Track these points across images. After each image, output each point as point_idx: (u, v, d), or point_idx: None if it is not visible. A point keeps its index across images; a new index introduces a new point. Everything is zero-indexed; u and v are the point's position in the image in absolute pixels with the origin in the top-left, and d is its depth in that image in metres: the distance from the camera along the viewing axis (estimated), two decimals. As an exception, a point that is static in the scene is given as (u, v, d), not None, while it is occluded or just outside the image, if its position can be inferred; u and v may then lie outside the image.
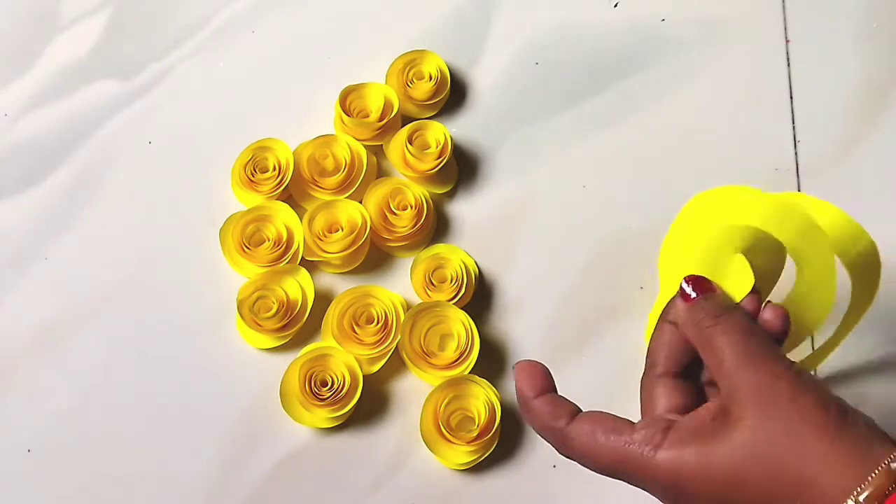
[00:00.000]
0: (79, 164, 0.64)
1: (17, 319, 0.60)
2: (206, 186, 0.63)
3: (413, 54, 0.65)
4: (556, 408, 0.41)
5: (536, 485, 0.56)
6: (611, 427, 0.39)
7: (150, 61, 0.67)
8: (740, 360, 0.38)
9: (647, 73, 0.66)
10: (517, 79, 0.66)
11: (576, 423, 0.40)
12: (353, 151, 0.61)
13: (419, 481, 0.56)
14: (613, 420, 0.39)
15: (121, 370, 0.59)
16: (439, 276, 0.59)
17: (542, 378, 0.42)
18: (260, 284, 0.58)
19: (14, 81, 0.66)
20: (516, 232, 0.62)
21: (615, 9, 0.68)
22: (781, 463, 0.36)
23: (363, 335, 0.57)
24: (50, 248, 0.62)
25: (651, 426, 0.39)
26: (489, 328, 0.59)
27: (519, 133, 0.64)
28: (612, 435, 0.39)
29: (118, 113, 0.65)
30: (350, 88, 0.63)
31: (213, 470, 0.56)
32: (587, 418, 0.40)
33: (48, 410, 0.58)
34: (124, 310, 0.60)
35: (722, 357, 0.38)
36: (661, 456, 0.38)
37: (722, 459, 0.37)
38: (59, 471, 0.57)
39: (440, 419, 0.54)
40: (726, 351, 0.38)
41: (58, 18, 0.68)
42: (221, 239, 0.60)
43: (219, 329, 0.59)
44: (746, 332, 0.39)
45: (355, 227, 0.59)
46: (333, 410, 0.55)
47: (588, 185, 0.63)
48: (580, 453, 0.40)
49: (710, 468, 0.37)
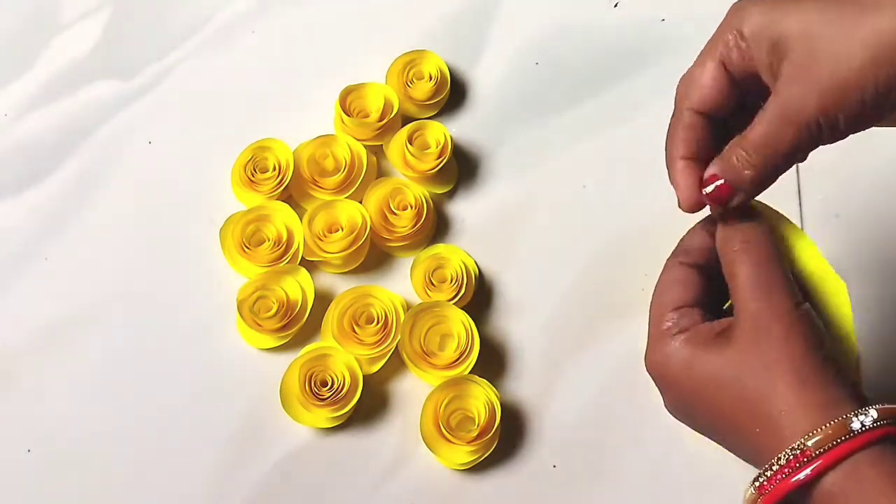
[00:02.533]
0: (79, 164, 0.64)
1: (17, 319, 0.60)
2: (206, 186, 0.63)
3: (413, 54, 0.64)
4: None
5: (536, 485, 0.56)
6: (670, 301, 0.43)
7: (150, 61, 0.67)
8: (753, 290, 0.40)
9: (648, 72, 0.66)
10: (517, 79, 0.66)
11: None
12: (353, 151, 0.61)
13: (419, 481, 0.56)
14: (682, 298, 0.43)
15: (121, 370, 0.59)
16: (439, 276, 0.59)
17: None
18: (260, 284, 0.58)
19: (14, 81, 0.66)
20: (516, 232, 0.62)
21: (615, 9, 0.68)
22: (751, 390, 0.38)
23: (363, 335, 0.57)
24: (50, 248, 0.62)
25: (685, 317, 0.42)
26: (489, 328, 0.59)
27: (519, 133, 0.64)
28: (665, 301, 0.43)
29: (118, 113, 0.65)
30: (350, 88, 0.63)
31: (213, 470, 0.56)
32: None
33: (48, 410, 0.58)
34: (124, 310, 0.60)
35: (738, 283, 0.40)
36: (671, 346, 0.41)
37: (703, 368, 0.40)
38: (59, 471, 0.56)
39: (440, 419, 0.54)
40: (743, 279, 0.40)
41: (58, 18, 0.68)
42: (221, 239, 0.60)
43: (219, 329, 0.59)
44: (767, 263, 0.41)
45: (355, 227, 0.59)
46: (333, 410, 0.55)
47: (588, 185, 0.63)
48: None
49: (692, 371, 0.40)
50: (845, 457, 0.36)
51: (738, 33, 0.40)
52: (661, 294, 0.43)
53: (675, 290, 0.43)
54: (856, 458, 0.36)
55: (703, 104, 0.42)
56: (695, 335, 0.41)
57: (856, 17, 0.37)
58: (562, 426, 0.57)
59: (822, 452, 0.36)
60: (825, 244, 0.60)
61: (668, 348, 0.42)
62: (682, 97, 0.42)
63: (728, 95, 0.41)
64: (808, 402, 0.37)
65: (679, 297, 0.43)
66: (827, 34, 0.37)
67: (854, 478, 0.36)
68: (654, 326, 0.43)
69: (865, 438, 0.36)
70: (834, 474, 0.36)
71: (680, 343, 0.41)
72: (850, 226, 0.61)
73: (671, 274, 0.44)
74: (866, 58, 0.37)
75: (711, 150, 0.42)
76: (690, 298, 0.43)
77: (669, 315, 0.42)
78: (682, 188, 0.42)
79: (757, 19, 0.40)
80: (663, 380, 0.42)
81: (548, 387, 0.58)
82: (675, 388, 0.42)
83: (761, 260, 0.41)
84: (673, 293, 0.43)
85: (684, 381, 0.41)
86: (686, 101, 0.42)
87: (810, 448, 0.36)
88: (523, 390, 0.58)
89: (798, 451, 0.36)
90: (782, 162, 0.40)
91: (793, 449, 0.37)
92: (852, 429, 0.36)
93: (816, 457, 0.36)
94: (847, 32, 0.37)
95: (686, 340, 0.41)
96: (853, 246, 0.61)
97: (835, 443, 0.36)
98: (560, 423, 0.57)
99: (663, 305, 0.43)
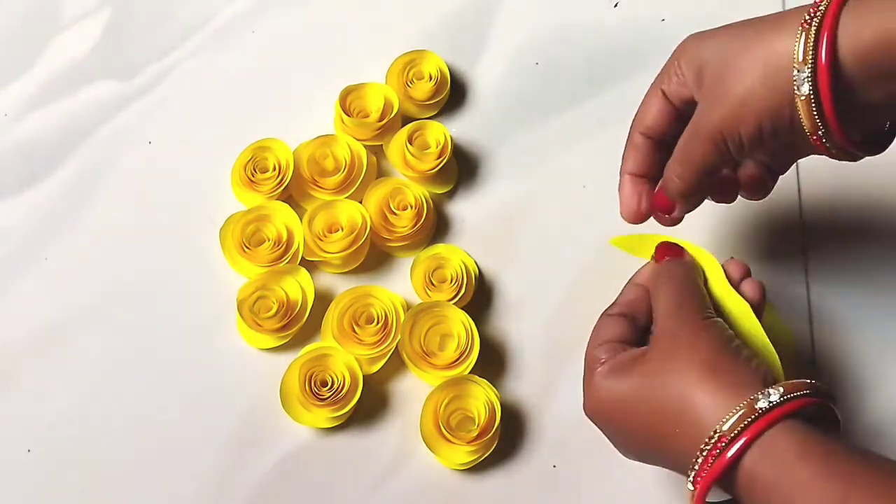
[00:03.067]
0: (79, 164, 0.64)
1: (17, 320, 0.60)
2: (206, 186, 0.63)
3: (413, 54, 0.64)
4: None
5: (536, 485, 0.56)
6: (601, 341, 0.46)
7: (150, 61, 0.67)
8: (669, 311, 0.45)
9: (648, 73, 0.65)
10: (517, 79, 0.66)
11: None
12: (353, 151, 0.61)
13: (419, 481, 0.56)
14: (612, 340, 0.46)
15: (120, 370, 0.59)
16: (439, 276, 0.59)
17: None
18: (260, 284, 0.58)
19: (14, 81, 0.66)
20: (516, 232, 0.62)
21: (615, 9, 0.68)
22: (669, 394, 0.41)
23: (363, 335, 0.57)
24: (50, 248, 0.62)
25: (607, 352, 0.45)
26: (489, 328, 0.59)
27: (519, 133, 0.64)
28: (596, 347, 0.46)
29: (118, 113, 0.65)
30: (350, 88, 0.63)
31: (213, 470, 0.56)
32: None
33: (48, 410, 0.58)
34: (124, 310, 0.60)
35: (658, 308, 0.45)
36: (595, 380, 0.45)
37: (624, 389, 0.43)
38: (59, 471, 0.56)
39: (440, 419, 0.54)
40: (662, 302, 0.45)
41: (58, 18, 0.68)
42: (221, 239, 0.60)
43: (219, 329, 0.59)
44: (683, 288, 0.46)
45: (355, 227, 0.59)
46: (333, 410, 0.55)
47: (588, 185, 0.63)
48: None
49: (613, 394, 0.44)
50: (758, 435, 0.38)
51: (676, 64, 0.45)
52: (590, 341, 0.47)
53: (602, 331, 0.47)
54: (769, 434, 0.38)
55: (648, 129, 0.47)
56: (616, 364, 0.44)
57: (759, 38, 0.41)
58: (562, 426, 0.57)
59: (737, 434, 0.38)
60: (825, 244, 0.61)
61: (593, 385, 0.45)
62: (634, 122, 0.48)
63: (669, 120, 0.47)
64: (719, 387, 0.40)
65: (605, 335, 0.46)
66: (733, 56, 0.42)
67: (768, 453, 0.38)
68: (586, 372, 0.46)
69: (774, 415, 0.38)
70: (751, 453, 0.38)
71: (602, 376, 0.45)
72: (849, 226, 0.61)
73: (599, 323, 0.48)
74: (757, 76, 0.40)
75: (656, 168, 0.48)
76: (617, 335, 0.46)
77: (596, 351, 0.45)
78: (624, 199, 0.48)
79: (690, 49, 0.45)
80: (597, 416, 0.45)
81: (548, 387, 0.58)
82: (607, 421, 0.45)
83: (679, 289, 0.46)
84: (599, 335, 0.47)
85: (610, 409, 0.44)
86: (636, 126, 0.48)
87: (725, 432, 0.38)
88: (523, 390, 0.58)
89: (716, 438, 0.39)
90: (702, 174, 0.44)
91: (711, 437, 0.39)
92: (758, 408, 0.38)
93: (732, 439, 0.38)
94: (748, 53, 0.41)
95: (608, 371, 0.44)
96: (853, 246, 0.61)
97: (746, 423, 0.38)
98: (560, 423, 0.57)
99: (591, 347, 0.46)
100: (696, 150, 0.44)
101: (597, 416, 0.46)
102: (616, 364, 0.44)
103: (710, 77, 0.43)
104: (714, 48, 0.43)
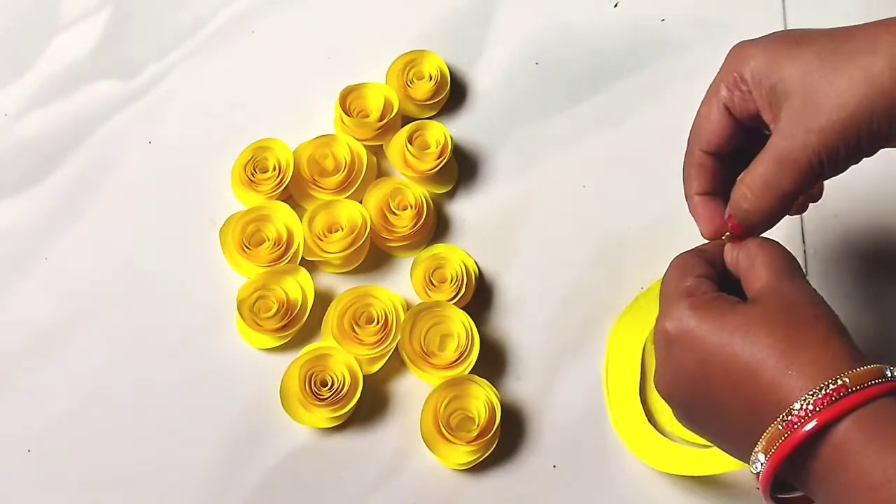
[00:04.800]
0: (79, 164, 0.64)
1: (17, 319, 0.60)
2: (206, 186, 0.63)
3: (413, 54, 0.64)
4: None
5: (536, 485, 0.56)
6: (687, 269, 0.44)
7: (150, 61, 0.67)
8: (780, 271, 0.42)
9: (647, 73, 0.66)
10: (517, 79, 0.66)
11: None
12: (353, 151, 0.61)
13: (419, 481, 0.56)
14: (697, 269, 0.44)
15: (121, 370, 0.59)
16: (439, 276, 0.59)
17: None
18: (260, 284, 0.58)
19: (14, 81, 0.66)
20: (516, 232, 0.62)
21: (615, 9, 0.68)
22: (778, 342, 0.39)
23: (363, 335, 0.57)
24: (50, 248, 0.62)
25: (699, 287, 0.42)
26: (489, 328, 0.59)
27: (519, 133, 0.64)
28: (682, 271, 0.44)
29: (118, 113, 0.65)
30: (350, 88, 0.63)
31: (213, 470, 0.56)
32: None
33: (48, 410, 0.58)
34: (124, 310, 0.60)
35: (760, 263, 0.42)
36: (682, 306, 0.41)
37: (713, 334, 0.40)
38: (59, 471, 0.56)
39: (440, 419, 0.54)
40: (766, 259, 0.42)
41: (58, 18, 0.68)
42: (221, 239, 0.60)
43: (219, 329, 0.59)
44: (788, 253, 0.43)
45: (355, 227, 0.59)
46: (333, 410, 0.55)
47: (588, 185, 0.63)
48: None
49: (699, 334, 0.41)
50: (878, 396, 0.36)
51: (738, 77, 0.43)
52: (674, 272, 0.44)
53: (688, 265, 0.44)
54: (879, 403, 0.36)
55: (710, 145, 0.45)
56: (709, 303, 0.41)
57: (852, 60, 0.40)
58: (562, 426, 0.57)
59: (859, 389, 0.36)
60: (825, 244, 0.61)
61: (680, 315, 0.41)
62: (693, 138, 0.46)
63: (732, 135, 0.44)
64: (842, 348, 0.38)
65: (697, 270, 0.43)
66: (824, 79, 0.40)
67: (866, 424, 0.36)
68: (670, 300, 0.43)
69: (890, 385, 0.37)
70: (845, 423, 0.36)
71: (693, 308, 0.41)
72: (849, 226, 0.61)
73: (683, 257, 0.44)
74: (862, 100, 0.39)
75: (723, 182, 0.46)
76: (706, 273, 0.43)
77: (689, 282, 0.43)
78: (702, 221, 0.46)
79: (757, 64, 0.42)
80: (675, 348, 0.42)
81: (548, 387, 0.58)
82: (689, 348, 0.41)
83: (785, 252, 0.43)
84: (686, 268, 0.44)
85: (692, 346, 0.41)
86: (696, 142, 0.45)
87: (847, 384, 0.36)
88: (523, 390, 0.58)
89: (833, 387, 0.36)
90: (786, 200, 0.43)
91: (825, 385, 0.36)
92: (887, 375, 0.37)
93: (851, 393, 0.36)
94: (843, 77, 0.40)
95: (702, 306, 0.41)
96: (852, 246, 0.61)
97: (871, 383, 0.36)
98: (560, 423, 0.57)
99: (677, 277, 0.43)
100: (785, 178, 0.41)
101: (675, 348, 0.42)
102: (709, 302, 0.41)
103: (799, 100, 0.41)
104: (796, 70, 0.41)
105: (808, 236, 0.61)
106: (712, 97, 0.45)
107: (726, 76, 0.44)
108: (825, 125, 0.40)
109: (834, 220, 0.61)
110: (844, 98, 0.40)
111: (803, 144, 0.41)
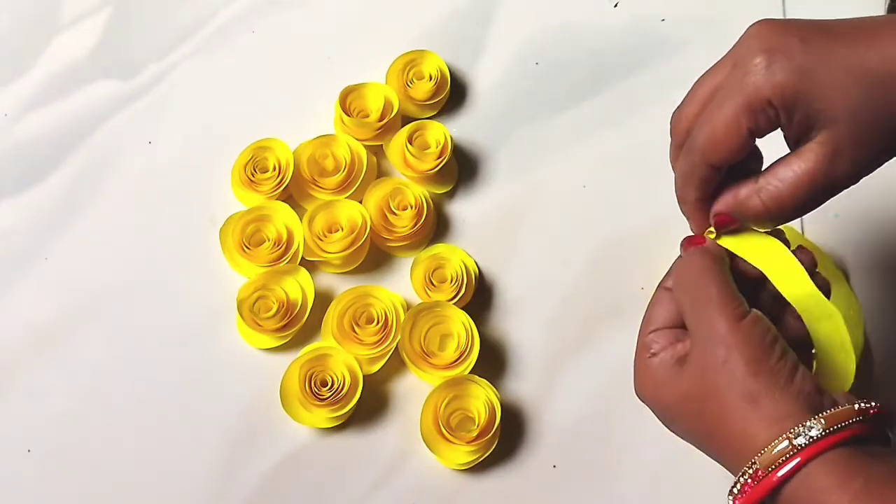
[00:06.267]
0: (79, 164, 0.64)
1: (17, 319, 0.60)
2: (206, 186, 0.63)
3: (413, 54, 0.65)
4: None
5: (536, 485, 0.56)
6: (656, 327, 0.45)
7: (150, 61, 0.67)
8: (691, 311, 0.43)
9: (648, 73, 0.66)
10: (517, 79, 0.66)
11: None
12: (353, 151, 0.61)
13: (419, 481, 0.56)
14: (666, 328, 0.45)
15: (121, 370, 0.59)
16: (439, 276, 0.59)
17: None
18: (260, 284, 0.58)
19: (14, 81, 0.66)
20: (516, 232, 0.62)
21: (615, 9, 0.68)
22: (709, 413, 0.41)
23: (363, 335, 0.57)
24: (50, 248, 0.62)
25: (658, 340, 0.44)
26: (489, 328, 0.59)
27: (519, 133, 0.64)
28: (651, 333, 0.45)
29: (118, 113, 0.65)
30: (350, 88, 0.63)
31: (213, 470, 0.56)
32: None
33: (48, 410, 0.58)
34: (124, 310, 0.60)
35: (683, 309, 0.43)
36: (648, 370, 0.44)
37: (674, 389, 0.42)
38: (59, 471, 0.56)
39: (440, 419, 0.54)
40: (683, 304, 0.43)
41: (58, 18, 0.68)
42: (221, 239, 0.60)
43: (219, 329, 0.59)
44: (700, 281, 0.43)
45: (355, 227, 0.59)
46: (333, 410, 0.55)
47: (588, 185, 0.63)
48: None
49: (667, 392, 0.43)
50: (795, 471, 0.38)
51: (767, 102, 0.41)
52: (644, 322, 0.46)
53: (655, 313, 0.45)
54: (809, 466, 0.38)
55: (723, 162, 0.44)
56: (665, 360, 0.43)
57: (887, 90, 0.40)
58: (562, 426, 0.57)
59: (774, 468, 0.38)
60: (825, 244, 0.61)
61: (645, 372, 0.44)
62: (702, 150, 0.44)
63: (745, 152, 0.44)
64: (759, 418, 0.39)
65: (658, 320, 0.45)
66: (873, 115, 0.40)
67: (806, 483, 0.38)
68: (638, 356, 0.45)
69: (812, 450, 0.38)
70: (790, 484, 0.38)
71: (654, 366, 0.44)
72: (849, 226, 0.61)
73: (654, 299, 0.46)
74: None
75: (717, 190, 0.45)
76: (669, 320, 0.44)
77: (648, 339, 0.45)
78: (697, 225, 0.46)
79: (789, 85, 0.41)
80: (645, 401, 0.45)
81: (548, 387, 0.58)
82: (656, 407, 0.44)
83: (695, 283, 0.43)
84: (652, 318, 0.45)
85: (661, 400, 0.44)
86: (708, 156, 0.44)
87: (762, 466, 0.38)
88: (523, 390, 0.58)
89: (753, 470, 0.39)
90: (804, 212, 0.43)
91: (749, 466, 0.39)
92: (797, 444, 0.38)
93: (769, 472, 0.38)
94: (889, 112, 0.40)
95: (658, 363, 0.44)
96: (853, 246, 0.61)
97: (783, 459, 0.38)
98: (560, 423, 0.57)
99: (643, 331, 0.45)
100: (821, 199, 0.43)
101: (646, 402, 0.45)
102: (665, 359, 0.43)
103: (843, 132, 0.40)
104: (843, 102, 0.40)
105: (808, 236, 0.61)
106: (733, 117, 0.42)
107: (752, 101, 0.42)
108: (871, 157, 0.41)
109: (834, 220, 0.61)
110: (889, 134, 0.41)
111: (845, 176, 0.41)
